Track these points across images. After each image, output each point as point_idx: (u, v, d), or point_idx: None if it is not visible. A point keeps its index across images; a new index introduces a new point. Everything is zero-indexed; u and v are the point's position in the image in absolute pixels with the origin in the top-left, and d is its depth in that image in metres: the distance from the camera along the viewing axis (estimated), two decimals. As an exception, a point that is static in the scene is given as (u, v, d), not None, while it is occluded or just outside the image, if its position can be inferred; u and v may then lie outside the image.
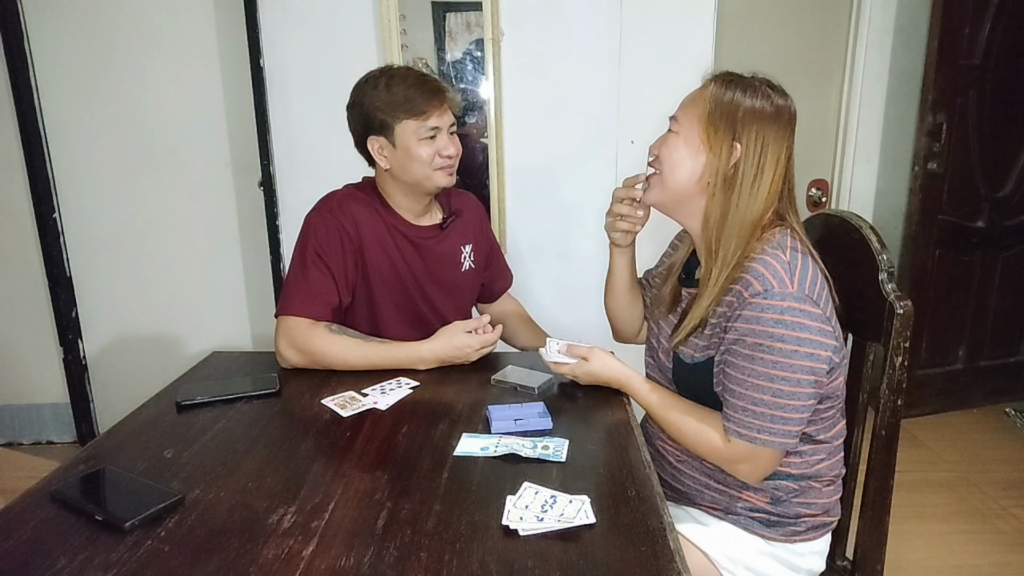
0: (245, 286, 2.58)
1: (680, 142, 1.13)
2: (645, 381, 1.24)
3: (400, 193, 1.52)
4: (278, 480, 1.01)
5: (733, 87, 1.11)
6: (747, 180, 1.08)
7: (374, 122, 1.44)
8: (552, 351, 1.29)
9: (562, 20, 2.29)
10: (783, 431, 1.04)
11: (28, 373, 2.68)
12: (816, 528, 1.19)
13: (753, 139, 1.08)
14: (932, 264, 2.76)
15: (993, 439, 2.74)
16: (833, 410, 1.16)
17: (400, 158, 1.45)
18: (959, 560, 2.03)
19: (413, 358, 1.41)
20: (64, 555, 0.83)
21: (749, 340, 1.03)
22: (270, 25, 2.26)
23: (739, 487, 1.16)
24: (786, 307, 1.01)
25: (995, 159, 2.77)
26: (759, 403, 1.04)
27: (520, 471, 1.02)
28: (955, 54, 2.56)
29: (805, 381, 1.02)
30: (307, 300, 1.42)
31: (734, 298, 1.07)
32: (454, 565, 0.81)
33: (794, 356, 1.01)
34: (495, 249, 1.76)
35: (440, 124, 1.44)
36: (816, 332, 1.01)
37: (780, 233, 1.10)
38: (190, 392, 1.29)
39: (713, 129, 1.09)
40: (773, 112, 1.09)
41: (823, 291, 1.06)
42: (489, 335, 1.44)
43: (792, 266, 1.04)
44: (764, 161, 1.08)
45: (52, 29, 2.36)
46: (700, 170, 1.12)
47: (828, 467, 1.18)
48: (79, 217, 2.48)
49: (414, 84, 1.43)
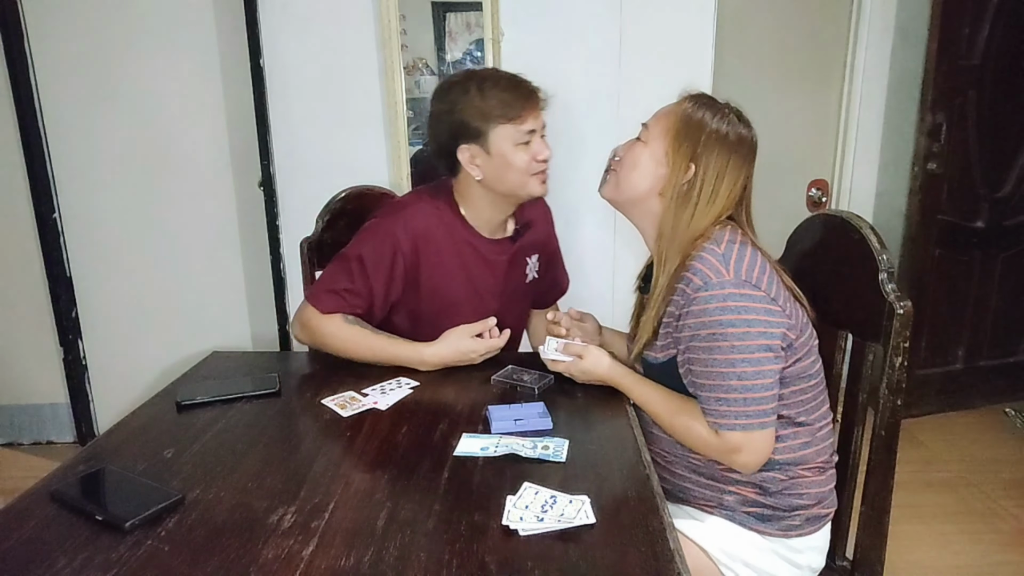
0: (245, 286, 2.58)
1: (645, 151, 1.20)
2: (637, 379, 1.25)
3: (487, 203, 1.47)
4: (278, 480, 1.01)
5: (703, 109, 1.17)
6: (703, 199, 1.15)
7: (468, 129, 1.38)
8: (550, 349, 1.32)
9: (562, 20, 2.29)
10: (759, 411, 1.08)
11: (28, 373, 2.68)
12: (812, 521, 1.19)
13: (712, 162, 1.15)
14: (932, 264, 2.76)
15: (993, 439, 2.75)
16: (811, 392, 1.18)
17: (495, 166, 1.39)
18: (959, 560, 2.03)
19: (416, 359, 1.40)
20: (64, 555, 0.83)
21: (703, 333, 1.09)
22: (270, 25, 2.26)
23: (727, 481, 1.18)
24: (727, 294, 1.07)
25: (995, 159, 2.77)
26: (729, 390, 1.08)
27: (520, 471, 1.02)
28: (955, 54, 2.57)
29: (765, 360, 1.07)
30: (333, 300, 1.43)
31: (679, 297, 1.14)
32: (454, 565, 0.81)
33: (747, 337, 1.06)
34: (557, 255, 1.72)
35: (535, 127, 1.40)
36: (763, 312, 1.07)
37: (718, 231, 1.16)
38: (190, 392, 1.29)
39: (677, 145, 1.16)
40: (735, 140, 1.16)
41: (764, 274, 1.11)
42: (495, 340, 1.42)
43: (727, 256, 1.10)
44: (719, 184, 1.15)
45: (52, 29, 2.36)
46: (656, 181, 1.19)
47: (814, 452, 1.19)
48: (79, 217, 2.48)
49: (509, 87, 1.37)
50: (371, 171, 2.41)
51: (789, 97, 2.86)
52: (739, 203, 1.19)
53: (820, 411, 1.20)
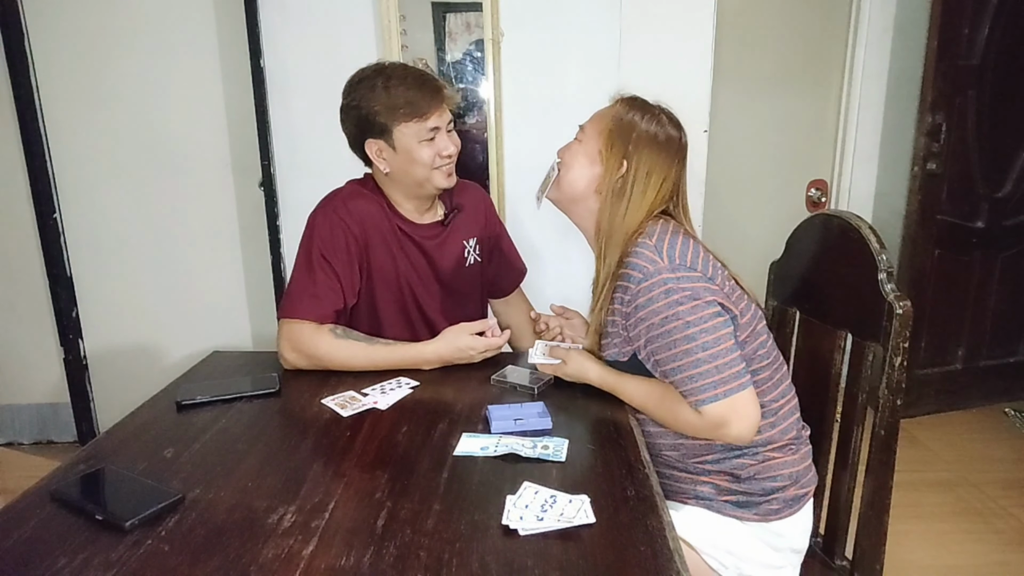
0: (245, 286, 2.59)
1: (581, 150, 1.27)
2: (620, 376, 1.26)
3: (400, 194, 1.51)
4: (278, 480, 1.01)
5: (635, 111, 1.24)
6: (635, 195, 1.21)
7: (373, 125, 1.41)
8: (537, 353, 1.33)
9: (562, 20, 2.29)
10: (733, 374, 1.09)
11: (28, 373, 2.68)
12: (790, 503, 1.19)
13: (643, 160, 1.21)
14: (931, 264, 2.76)
15: (992, 439, 2.75)
16: (767, 372, 1.20)
17: (400, 161, 1.43)
18: (958, 560, 2.03)
19: (417, 359, 1.41)
20: (64, 555, 0.83)
21: (656, 321, 1.12)
22: (270, 25, 2.27)
23: (699, 472, 1.20)
24: (666, 278, 1.11)
25: (994, 159, 2.77)
26: (698, 364, 1.09)
27: (520, 471, 1.02)
28: (954, 54, 2.57)
29: (720, 324, 1.10)
30: (311, 303, 1.39)
31: (622, 294, 1.17)
32: (454, 565, 0.81)
33: (697, 310, 1.10)
34: (504, 240, 1.71)
35: (440, 124, 1.42)
36: (703, 291, 1.11)
37: (650, 224, 1.20)
38: (190, 392, 1.29)
39: (610, 144, 1.22)
40: (664, 140, 1.22)
41: (697, 257, 1.15)
42: (495, 339, 1.43)
43: (659, 246, 1.15)
44: (650, 180, 1.21)
45: (53, 29, 2.36)
46: (593, 178, 1.24)
47: (780, 432, 1.20)
48: (79, 217, 2.48)
49: (414, 85, 1.40)
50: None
51: (788, 97, 2.86)
52: (672, 199, 1.25)
53: (779, 389, 1.22)
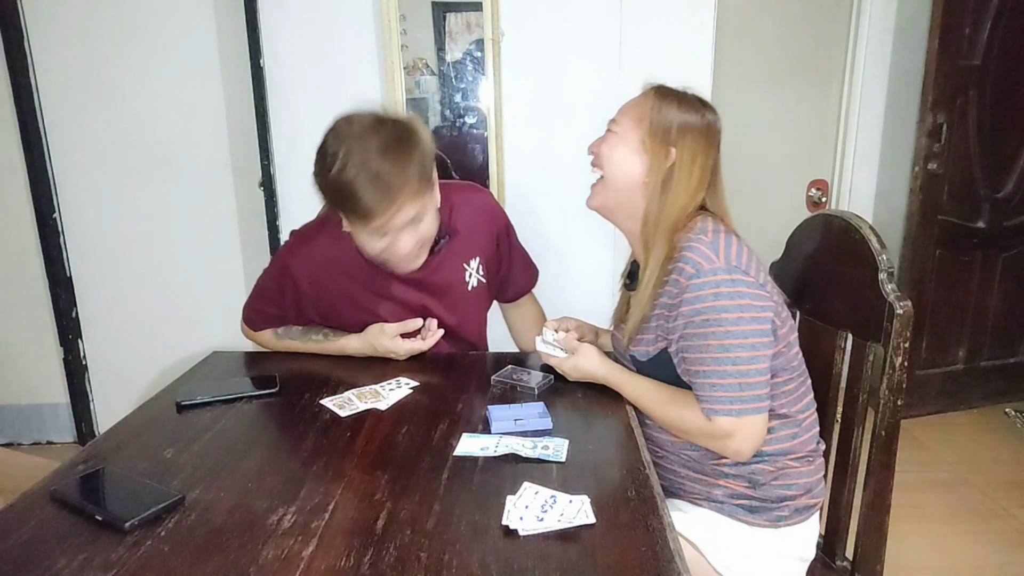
0: (245, 286, 2.58)
1: (620, 141, 1.23)
2: (628, 375, 1.26)
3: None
4: (278, 480, 1.01)
5: (671, 100, 1.22)
6: (682, 181, 1.19)
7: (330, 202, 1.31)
8: (548, 338, 1.34)
9: (562, 20, 2.29)
10: (754, 396, 1.09)
11: (28, 373, 2.68)
12: (800, 511, 1.20)
13: (688, 147, 1.19)
14: (932, 264, 2.76)
15: (993, 439, 2.75)
16: (793, 383, 1.20)
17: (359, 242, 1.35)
18: (959, 560, 2.03)
19: (343, 352, 1.49)
20: (64, 555, 0.83)
21: (697, 319, 1.10)
22: (270, 25, 2.26)
23: (717, 475, 1.19)
24: (720, 280, 1.09)
25: (995, 159, 2.77)
26: (724, 375, 1.09)
27: (520, 471, 1.02)
28: (955, 54, 2.56)
29: (760, 345, 1.09)
30: (255, 315, 1.58)
31: (672, 287, 1.15)
32: (454, 565, 0.81)
33: (741, 323, 1.08)
34: (514, 248, 1.61)
35: (389, 227, 1.27)
36: (754, 298, 1.09)
37: (700, 221, 1.18)
38: (190, 392, 1.29)
39: (653, 134, 1.20)
40: (704, 126, 1.21)
41: (751, 262, 1.13)
42: (417, 343, 1.44)
43: (716, 244, 1.12)
44: (695, 166, 1.19)
45: (52, 29, 2.36)
46: (640, 169, 1.21)
47: (801, 443, 1.20)
48: (79, 217, 2.48)
49: (364, 183, 1.21)
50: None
51: (789, 97, 2.86)
52: (711, 187, 1.23)
53: (804, 401, 1.22)
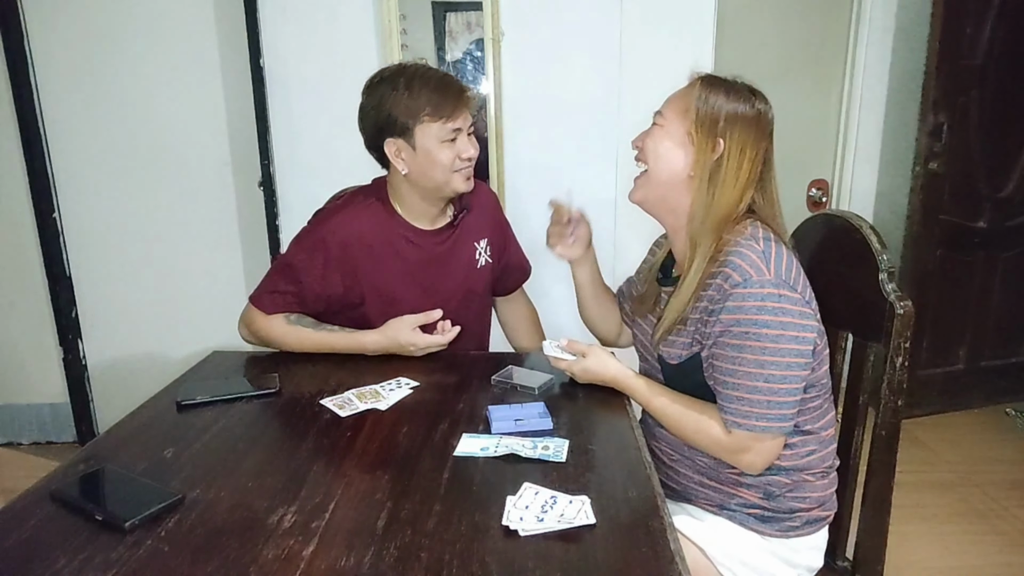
0: (245, 286, 2.58)
1: (664, 134, 1.17)
2: (641, 379, 1.25)
3: (416, 197, 1.48)
4: (278, 480, 1.01)
5: (719, 89, 1.15)
6: (730, 175, 1.13)
7: (393, 125, 1.39)
8: (553, 346, 1.32)
9: (562, 20, 2.29)
10: (779, 415, 1.07)
11: (28, 373, 2.68)
12: (812, 523, 1.19)
13: (736, 138, 1.12)
14: (933, 264, 2.76)
15: (994, 439, 2.74)
16: (819, 399, 1.18)
17: (420, 162, 1.41)
18: (960, 560, 2.03)
19: (358, 348, 1.45)
20: (64, 555, 0.83)
21: (735, 330, 1.06)
22: (270, 24, 2.26)
23: (732, 484, 1.18)
24: (766, 294, 1.04)
25: (996, 159, 2.76)
26: (753, 391, 1.06)
27: (520, 471, 1.02)
28: (956, 54, 2.56)
29: (795, 364, 1.06)
30: (270, 299, 1.50)
31: (715, 292, 1.10)
32: (454, 565, 0.81)
33: (780, 340, 1.04)
34: (510, 240, 1.69)
35: (462, 126, 1.40)
36: (798, 316, 1.05)
37: (751, 226, 1.13)
38: (190, 392, 1.29)
39: (699, 125, 1.14)
40: (754, 115, 1.14)
41: (799, 277, 1.10)
42: (438, 337, 1.44)
43: (767, 255, 1.08)
44: (743, 158, 1.13)
45: (52, 28, 2.36)
46: (686, 163, 1.15)
47: (820, 459, 1.19)
48: (79, 216, 2.48)
49: (438, 86, 1.38)
50: (371, 171, 2.40)
51: (790, 97, 2.85)
52: (761, 182, 1.17)
53: (827, 417, 1.20)
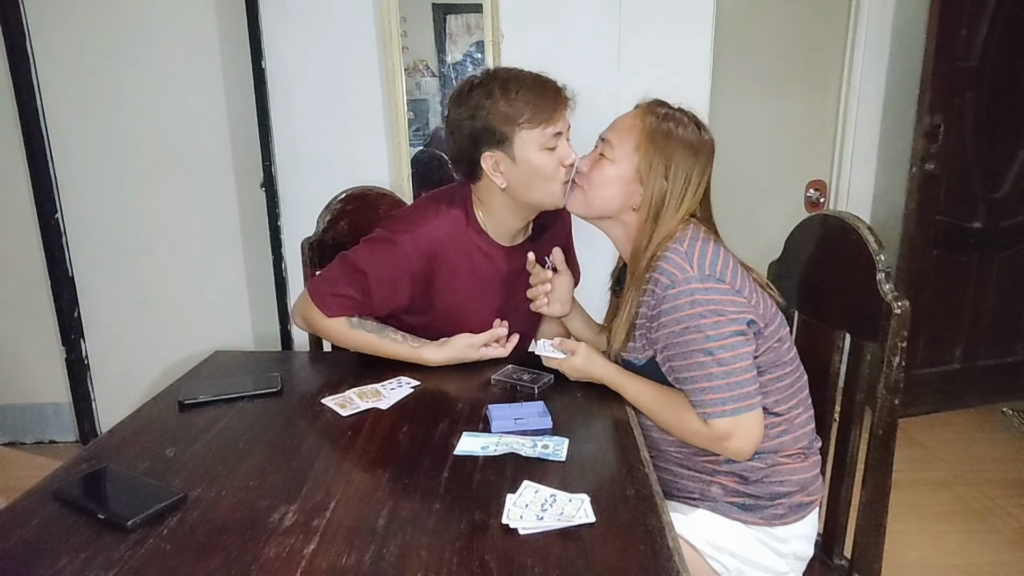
0: (247, 286, 2.59)
1: (612, 170, 1.23)
2: (629, 376, 1.26)
3: (508, 211, 1.40)
4: (280, 479, 1.01)
5: (667, 122, 1.21)
6: (672, 206, 1.20)
7: (492, 135, 1.30)
8: (544, 344, 1.35)
9: (562, 21, 2.29)
10: (743, 393, 1.11)
11: (30, 372, 2.68)
12: (796, 509, 1.20)
13: (682, 171, 1.19)
14: (929, 264, 2.77)
15: (990, 438, 2.75)
16: (787, 380, 1.20)
17: (520, 172, 1.32)
18: (956, 559, 2.03)
19: (415, 360, 1.42)
20: (66, 554, 0.84)
21: (677, 329, 1.12)
22: (271, 27, 2.27)
23: (709, 472, 1.20)
24: (694, 288, 1.11)
25: (992, 160, 2.78)
26: (712, 378, 1.10)
27: (520, 470, 1.02)
28: (952, 56, 2.57)
29: (739, 343, 1.11)
30: (331, 300, 1.42)
31: (650, 298, 1.17)
32: (454, 564, 0.82)
33: (719, 326, 1.10)
34: (571, 251, 1.65)
35: (562, 129, 1.32)
36: (728, 304, 1.11)
37: (681, 230, 1.19)
38: (192, 391, 1.29)
39: (648, 163, 1.20)
40: (699, 146, 1.21)
41: (727, 267, 1.15)
42: (499, 350, 1.43)
43: (690, 253, 1.14)
44: (688, 189, 1.20)
45: (54, 30, 2.36)
46: (629, 198, 1.22)
47: (792, 439, 1.21)
48: (81, 217, 2.48)
49: (535, 88, 1.30)
50: (372, 172, 2.42)
51: (787, 98, 2.86)
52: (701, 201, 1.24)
53: (798, 398, 1.23)
